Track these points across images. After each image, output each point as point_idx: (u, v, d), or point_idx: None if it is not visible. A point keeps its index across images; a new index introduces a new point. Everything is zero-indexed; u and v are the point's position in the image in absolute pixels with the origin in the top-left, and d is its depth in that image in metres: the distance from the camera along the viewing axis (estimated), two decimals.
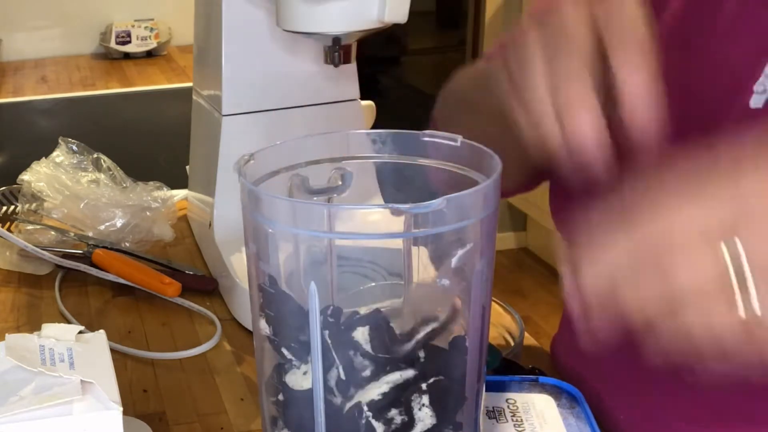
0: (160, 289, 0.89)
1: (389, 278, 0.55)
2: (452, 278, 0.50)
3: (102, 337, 0.55)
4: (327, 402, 0.49)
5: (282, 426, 0.53)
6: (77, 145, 1.10)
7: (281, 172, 0.55)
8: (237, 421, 0.71)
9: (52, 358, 0.51)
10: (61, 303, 0.89)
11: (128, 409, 0.56)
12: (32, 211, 1.04)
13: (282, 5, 0.76)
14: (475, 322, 0.51)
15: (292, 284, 0.51)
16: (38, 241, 0.98)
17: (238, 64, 0.91)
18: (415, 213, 0.46)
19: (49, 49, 2.52)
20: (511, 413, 0.64)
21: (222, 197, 0.92)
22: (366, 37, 0.78)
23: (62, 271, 0.95)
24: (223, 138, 0.91)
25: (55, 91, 2.16)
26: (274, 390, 0.52)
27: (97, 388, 0.48)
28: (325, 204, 0.55)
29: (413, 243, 0.51)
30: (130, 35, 2.49)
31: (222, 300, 0.90)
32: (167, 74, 2.34)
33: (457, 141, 0.55)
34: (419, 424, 0.49)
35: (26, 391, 0.48)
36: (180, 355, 0.81)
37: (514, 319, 0.84)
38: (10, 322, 0.87)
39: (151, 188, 1.06)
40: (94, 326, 0.68)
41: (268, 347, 0.52)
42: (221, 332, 0.84)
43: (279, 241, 0.50)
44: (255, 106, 0.92)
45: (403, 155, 0.56)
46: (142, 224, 1.01)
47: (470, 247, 0.49)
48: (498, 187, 0.50)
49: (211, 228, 0.93)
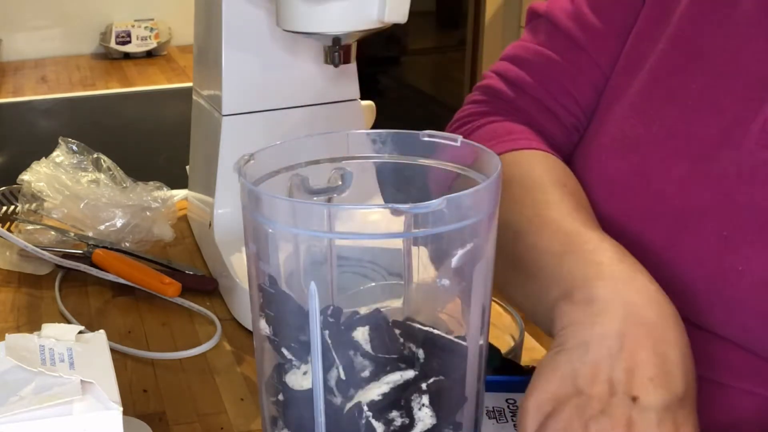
0: (160, 289, 0.89)
1: (389, 278, 0.55)
2: (452, 278, 0.50)
3: (102, 337, 0.55)
4: (327, 402, 0.49)
5: (282, 426, 0.53)
6: (77, 145, 1.10)
7: (281, 172, 0.55)
8: (237, 421, 0.71)
9: (52, 358, 0.51)
10: (61, 303, 0.89)
11: (128, 409, 0.56)
12: (32, 211, 1.04)
13: (282, 5, 0.76)
14: (475, 322, 0.51)
15: (292, 284, 0.51)
16: (38, 241, 0.98)
17: (238, 64, 0.91)
18: (415, 213, 0.46)
19: (49, 49, 2.52)
20: (511, 413, 0.64)
21: (222, 197, 0.92)
22: (366, 37, 0.78)
23: (62, 271, 0.95)
24: (223, 138, 0.91)
25: (55, 91, 2.16)
26: (274, 390, 0.53)
27: (97, 388, 0.48)
28: (325, 204, 0.55)
29: (413, 243, 0.51)
30: (130, 35, 2.49)
31: (222, 300, 0.90)
32: (167, 74, 2.34)
33: (457, 141, 0.55)
34: (419, 424, 0.49)
35: (26, 391, 0.48)
36: (180, 355, 0.81)
37: (514, 319, 0.84)
38: (10, 322, 0.87)
39: (151, 188, 1.06)
40: (94, 326, 0.68)
41: (268, 347, 0.52)
42: (221, 332, 0.84)
43: (279, 241, 0.50)
44: (255, 106, 0.92)
45: (403, 155, 0.56)
46: (142, 224, 1.01)
47: (470, 247, 0.49)
48: (498, 187, 0.50)
49: (211, 228, 0.93)
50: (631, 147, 0.67)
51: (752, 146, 0.61)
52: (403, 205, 0.46)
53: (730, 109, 0.62)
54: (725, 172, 0.61)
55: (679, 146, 0.64)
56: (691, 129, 0.64)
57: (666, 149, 0.65)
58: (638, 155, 0.66)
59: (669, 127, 0.65)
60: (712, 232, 0.61)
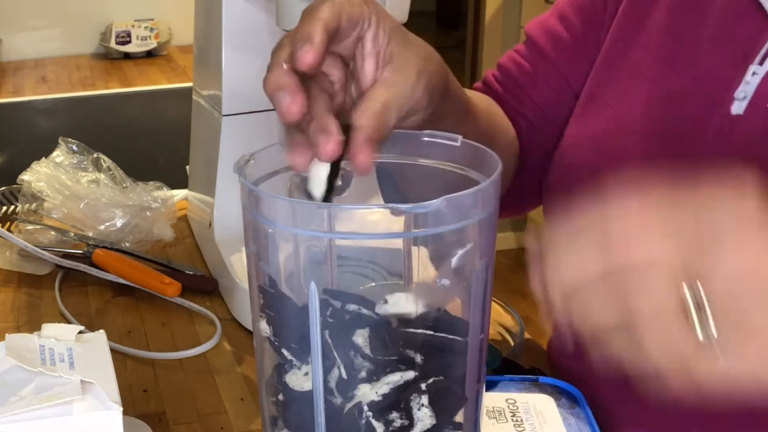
0: (160, 289, 0.89)
1: (389, 278, 0.55)
2: (452, 278, 0.50)
3: (102, 337, 0.55)
4: (327, 402, 0.49)
5: (282, 426, 0.53)
6: (77, 145, 1.10)
7: (281, 172, 0.55)
8: (237, 421, 0.71)
9: (52, 358, 0.51)
10: (61, 303, 0.89)
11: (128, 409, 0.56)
12: (32, 211, 1.04)
13: (282, 5, 0.76)
14: (475, 322, 0.51)
15: (292, 284, 0.51)
16: (38, 241, 0.98)
17: (238, 64, 0.91)
18: (415, 213, 0.46)
19: (49, 49, 2.52)
20: (511, 413, 0.64)
21: (222, 197, 0.92)
22: None
23: (62, 271, 0.95)
24: (223, 138, 0.91)
25: (55, 91, 2.17)
26: (274, 390, 0.52)
27: (97, 388, 0.48)
28: (325, 204, 0.55)
29: (413, 243, 0.51)
30: (130, 35, 2.49)
31: (222, 300, 0.90)
32: (167, 74, 2.34)
33: (457, 141, 0.55)
34: (419, 424, 0.49)
35: (26, 391, 0.48)
36: (180, 355, 0.81)
37: (514, 319, 0.84)
38: (10, 322, 0.87)
39: (151, 188, 1.06)
40: (94, 326, 0.68)
41: (268, 347, 0.52)
42: (221, 332, 0.84)
43: (279, 241, 0.50)
44: (255, 106, 0.92)
45: (403, 155, 0.56)
46: (142, 224, 1.01)
47: (470, 247, 0.49)
48: (498, 187, 0.50)
49: (211, 228, 0.93)
50: (605, 141, 0.73)
51: (710, 139, 0.66)
52: (403, 205, 0.46)
53: (693, 107, 0.68)
54: (686, 164, 0.65)
55: (646, 140, 0.69)
56: (656, 124, 0.69)
57: (634, 144, 0.70)
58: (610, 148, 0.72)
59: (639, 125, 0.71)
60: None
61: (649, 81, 0.72)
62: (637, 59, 0.74)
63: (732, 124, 0.65)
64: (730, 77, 0.66)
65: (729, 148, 0.65)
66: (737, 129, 0.65)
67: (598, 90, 0.77)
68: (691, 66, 0.69)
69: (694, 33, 0.70)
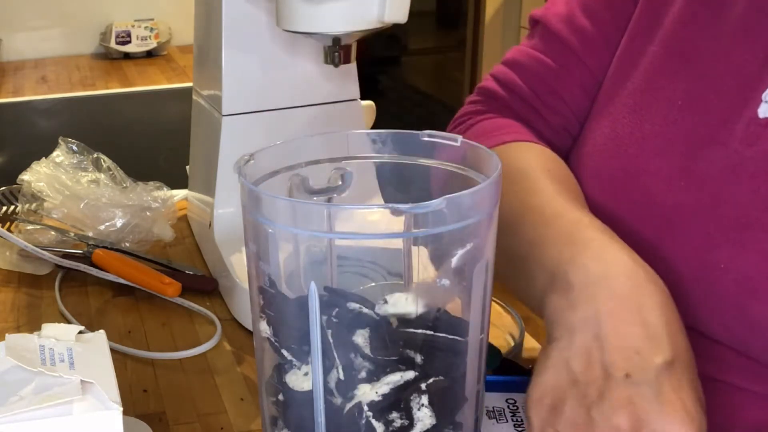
0: (160, 289, 0.89)
1: (389, 278, 0.55)
2: (452, 278, 0.50)
3: (102, 337, 0.55)
4: (327, 402, 0.49)
5: (282, 426, 0.53)
6: (77, 145, 1.10)
7: (281, 172, 0.55)
8: (237, 421, 0.71)
9: (52, 358, 0.51)
10: (61, 303, 0.89)
11: (128, 409, 0.56)
12: (32, 211, 1.04)
13: (282, 5, 0.76)
14: (475, 321, 0.51)
15: (292, 284, 0.51)
16: (38, 241, 0.98)
17: (238, 64, 0.91)
18: (415, 213, 0.46)
19: (49, 49, 2.52)
20: (511, 413, 0.64)
21: (222, 197, 0.92)
22: (366, 37, 0.78)
23: (62, 271, 0.95)
24: (223, 138, 0.91)
25: (55, 91, 2.16)
26: (274, 390, 0.53)
27: (97, 388, 0.48)
28: (325, 204, 0.55)
29: (413, 243, 0.51)
30: (130, 35, 2.49)
31: (222, 300, 0.90)
32: (167, 74, 2.34)
33: (457, 141, 0.55)
34: (418, 424, 0.49)
35: (26, 391, 0.48)
36: (180, 355, 0.81)
37: (514, 319, 0.84)
38: (10, 322, 0.87)
39: (151, 188, 1.06)
40: (94, 326, 0.68)
41: (268, 348, 0.52)
42: (221, 332, 0.84)
43: (279, 241, 0.50)
44: (255, 106, 0.92)
45: (403, 155, 0.56)
46: (142, 224, 1.01)
47: (470, 247, 0.49)
48: (498, 187, 0.50)
49: (211, 228, 0.93)
50: (623, 146, 0.68)
51: (737, 145, 0.61)
52: (403, 205, 0.46)
53: (717, 109, 0.63)
54: (711, 172, 0.62)
55: (668, 145, 0.65)
56: (679, 128, 0.65)
57: (655, 148, 0.66)
58: (629, 154, 0.68)
59: (659, 127, 0.66)
60: (698, 230, 0.62)
61: (667, 80, 0.67)
62: (654, 56, 0.69)
63: (760, 128, 0.60)
64: (756, 77, 0.61)
65: (758, 156, 0.60)
66: (766, 135, 0.60)
67: (613, 90, 0.72)
68: (711, 64, 0.64)
69: (713, 29, 0.65)
